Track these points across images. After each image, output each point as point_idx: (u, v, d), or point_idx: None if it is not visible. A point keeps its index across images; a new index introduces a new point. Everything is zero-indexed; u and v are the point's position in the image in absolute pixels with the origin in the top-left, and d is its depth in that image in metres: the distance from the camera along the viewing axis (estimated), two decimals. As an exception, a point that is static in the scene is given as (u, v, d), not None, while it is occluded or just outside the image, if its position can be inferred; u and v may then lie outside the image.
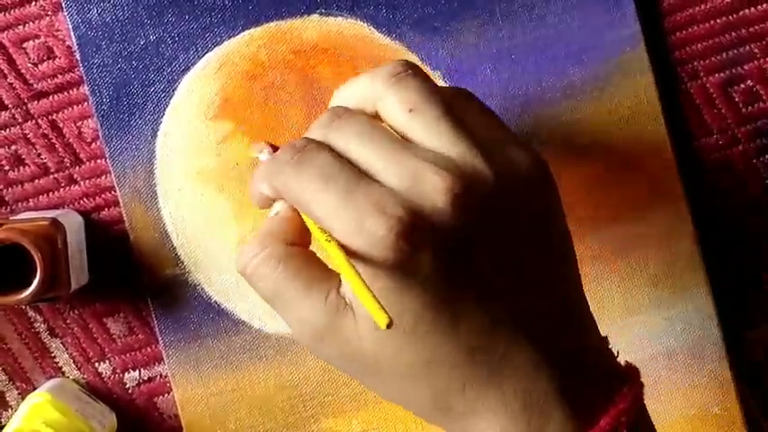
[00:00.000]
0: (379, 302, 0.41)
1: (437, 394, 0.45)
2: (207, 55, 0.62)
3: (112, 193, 0.62)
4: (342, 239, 0.43)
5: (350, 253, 0.43)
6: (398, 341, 0.44)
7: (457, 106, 0.47)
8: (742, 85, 0.63)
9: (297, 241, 0.46)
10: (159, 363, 0.63)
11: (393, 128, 0.46)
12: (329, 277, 0.46)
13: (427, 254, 0.43)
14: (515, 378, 0.44)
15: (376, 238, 0.42)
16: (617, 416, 0.44)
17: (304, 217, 0.46)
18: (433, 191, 0.43)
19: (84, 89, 0.62)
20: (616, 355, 0.48)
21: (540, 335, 0.45)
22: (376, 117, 0.47)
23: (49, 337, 0.63)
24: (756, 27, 0.63)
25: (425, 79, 0.47)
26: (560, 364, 0.45)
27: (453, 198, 0.43)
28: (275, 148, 0.57)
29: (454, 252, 0.44)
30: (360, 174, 0.44)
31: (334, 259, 0.43)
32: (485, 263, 0.44)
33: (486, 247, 0.44)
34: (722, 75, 0.63)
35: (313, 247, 0.47)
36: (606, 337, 0.48)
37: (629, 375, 0.47)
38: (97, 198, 0.63)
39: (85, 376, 0.63)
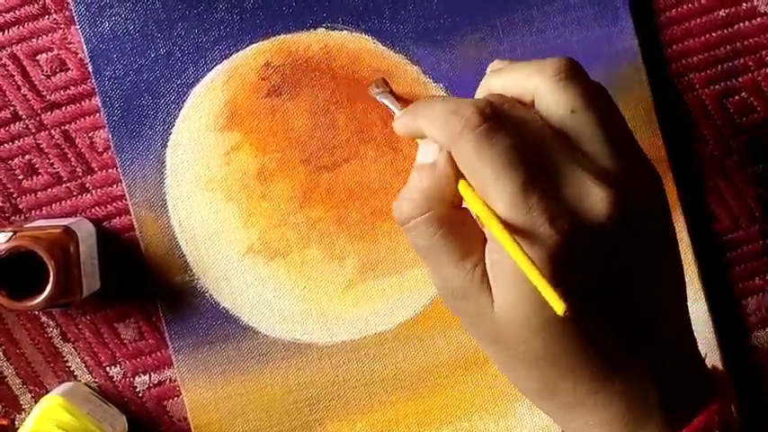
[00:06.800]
0: (554, 290, 0.43)
1: (547, 384, 0.47)
2: (216, 67, 0.62)
3: (123, 201, 0.63)
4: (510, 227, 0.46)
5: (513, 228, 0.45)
6: (528, 331, 0.46)
7: (606, 109, 0.48)
8: (737, 97, 0.64)
9: (454, 201, 0.48)
10: (169, 367, 0.64)
11: (549, 121, 0.48)
12: (480, 248, 0.47)
13: (584, 266, 0.45)
14: (626, 383, 0.47)
15: (544, 243, 0.45)
16: (710, 415, 0.47)
17: (464, 189, 0.47)
18: (598, 206, 0.45)
19: (96, 100, 0.63)
20: (704, 357, 0.50)
21: (653, 346, 0.47)
22: (530, 105, 0.49)
23: (61, 341, 0.64)
24: (751, 40, 0.63)
25: (587, 82, 0.48)
26: (666, 372, 0.47)
27: (615, 212, 0.45)
28: (387, 84, 0.61)
29: (606, 264, 0.46)
30: (536, 172, 0.45)
31: (500, 239, 0.45)
32: (625, 276, 0.47)
33: (629, 260, 0.47)
34: (717, 87, 0.64)
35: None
36: (696, 341, 0.50)
37: (720, 379, 0.50)
38: (108, 206, 0.63)
39: (97, 380, 0.64)
